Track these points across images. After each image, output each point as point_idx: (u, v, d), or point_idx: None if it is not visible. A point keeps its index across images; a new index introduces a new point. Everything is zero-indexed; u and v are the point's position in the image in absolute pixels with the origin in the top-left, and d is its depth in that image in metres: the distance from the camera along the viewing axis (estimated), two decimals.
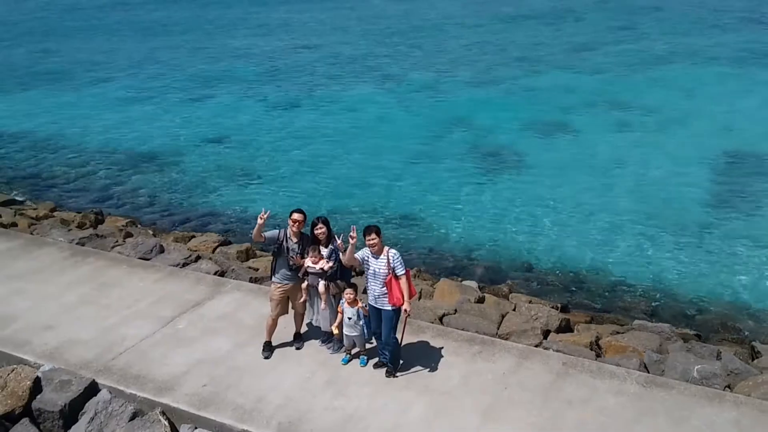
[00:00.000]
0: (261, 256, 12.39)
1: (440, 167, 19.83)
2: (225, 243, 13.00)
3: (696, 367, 8.02)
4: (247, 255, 12.31)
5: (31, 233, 12.52)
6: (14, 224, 13.11)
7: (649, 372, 8.19)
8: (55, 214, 14.60)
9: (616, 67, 32.96)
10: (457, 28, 46.93)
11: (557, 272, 13.51)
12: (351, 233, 7.57)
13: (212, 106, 28.17)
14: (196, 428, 7.34)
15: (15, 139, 24.51)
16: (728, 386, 7.90)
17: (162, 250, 11.52)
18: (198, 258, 11.32)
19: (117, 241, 11.93)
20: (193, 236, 13.43)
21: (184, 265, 10.95)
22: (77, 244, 11.68)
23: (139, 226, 14.24)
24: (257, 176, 20.47)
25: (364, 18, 51.81)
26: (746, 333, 10.97)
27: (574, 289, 12.75)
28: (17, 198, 16.99)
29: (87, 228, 13.61)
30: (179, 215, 17.38)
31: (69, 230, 12.59)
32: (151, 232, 13.62)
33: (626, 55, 35.90)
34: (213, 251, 12.29)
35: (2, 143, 24.11)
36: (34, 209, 14.81)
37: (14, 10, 61.82)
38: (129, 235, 12.72)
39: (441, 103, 27.45)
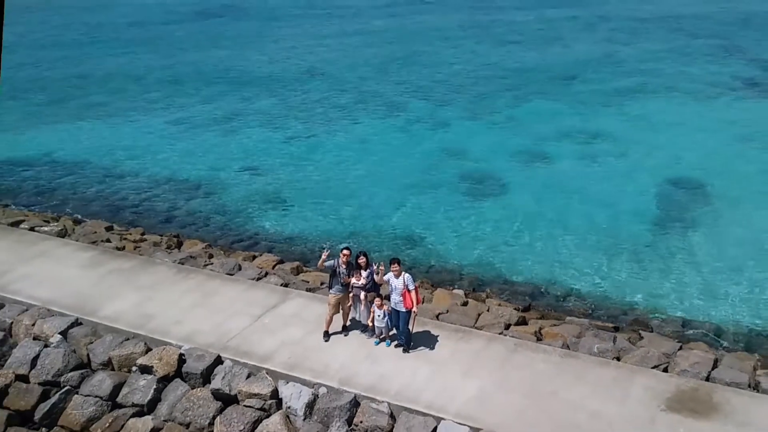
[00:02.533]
0: (308, 271, 17.11)
1: (436, 197, 24.51)
2: (280, 261, 17.69)
3: (596, 346, 12.72)
4: (299, 270, 17.00)
5: (139, 254, 17.19)
6: (123, 247, 17.78)
7: (569, 349, 12.88)
8: (145, 237, 19.25)
9: (591, 98, 37.60)
10: (453, 52, 51.55)
11: (524, 283, 18.23)
12: (381, 267, 12.30)
13: (239, 137, 32.56)
14: (288, 382, 12.01)
15: (75, 169, 28.89)
16: (616, 358, 12.59)
17: (240, 268, 16.21)
18: (266, 274, 16.00)
19: (206, 261, 16.61)
20: (254, 256, 18.12)
21: (258, 279, 15.62)
22: (178, 263, 16.35)
23: (213, 248, 18.89)
24: (285, 201, 25.04)
25: (367, 42, 56.40)
26: (651, 326, 15.65)
27: (534, 295, 17.45)
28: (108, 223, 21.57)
29: (173, 249, 18.30)
30: (231, 236, 21.90)
31: (169, 252, 17.27)
32: (223, 253, 18.28)
33: (602, 84, 40.57)
34: (273, 268, 16.97)
35: (68, 172, 28.57)
36: (129, 234, 19.46)
37: (38, 30, 66.28)
38: (211, 256, 17.42)
39: (437, 134, 32.19)
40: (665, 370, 12.16)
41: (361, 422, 11.16)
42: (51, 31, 65.46)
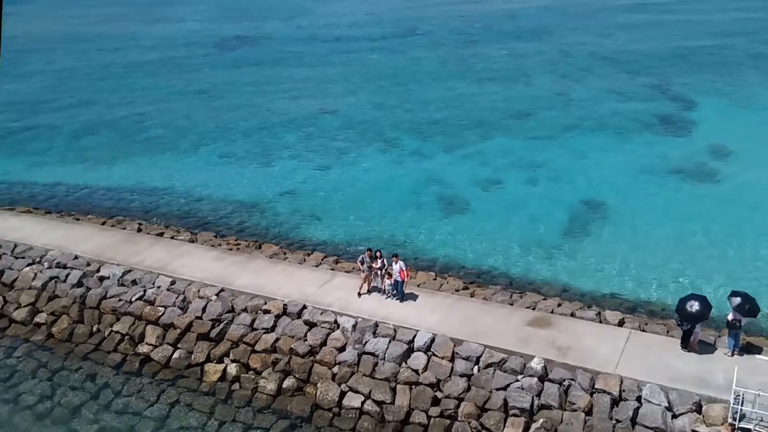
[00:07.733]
0: (342, 262, 28.78)
1: (419, 212, 36.28)
2: (325, 257, 29.37)
3: (500, 299, 24.56)
4: (336, 262, 28.71)
5: (242, 253, 28.80)
6: (231, 249, 29.40)
7: (486, 300, 24.66)
8: (239, 243, 30.90)
9: (541, 133, 49.16)
10: (437, 88, 62.99)
11: (472, 267, 30.06)
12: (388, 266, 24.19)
13: (276, 168, 44.32)
14: (342, 316, 23.71)
15: (164, 194, 40.54)
16: (510, 304, 24.38)
17: (305, 260, 27.92)
18: (319, 264, 27.71)
19: (284, 257, 28.31)
20: (309, 254, 29.79)
21: (317, 266, 27.35)
22: (269, 258, 28.03)
23: (283, 249, 30.55)
24: (316, 216, 36.73)
25: (367, 78, 67.92)
26: (540, 291, 27.42)
27: (477, 275, 29.28)
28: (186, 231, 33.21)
29: (257, 249, 29.93)
30: (287, 240, 33.63)
31: (261, 252, 28.95)
32: (290, 252, 29.95)
33: (551, 121, 52.13)
34: (322, 260, 28.64)
35: (160, 197, 40.23)
36: (228, 241, 31.08)
37: (84, 68, 77.63)
38: (285, 253, 29.09)
39: (422, 164, 43.87)
40: (533, 309, 23.97)
41: (379, 332, 22.92)
42: (96, 61, 76.96)
